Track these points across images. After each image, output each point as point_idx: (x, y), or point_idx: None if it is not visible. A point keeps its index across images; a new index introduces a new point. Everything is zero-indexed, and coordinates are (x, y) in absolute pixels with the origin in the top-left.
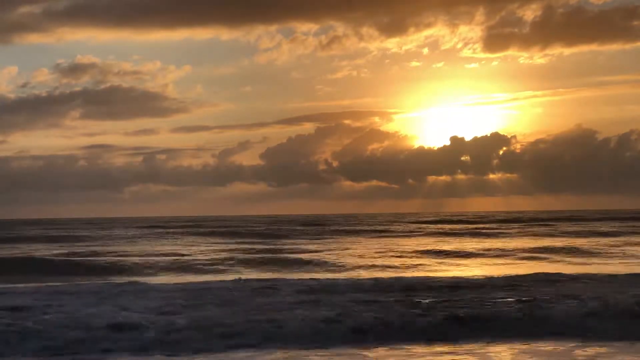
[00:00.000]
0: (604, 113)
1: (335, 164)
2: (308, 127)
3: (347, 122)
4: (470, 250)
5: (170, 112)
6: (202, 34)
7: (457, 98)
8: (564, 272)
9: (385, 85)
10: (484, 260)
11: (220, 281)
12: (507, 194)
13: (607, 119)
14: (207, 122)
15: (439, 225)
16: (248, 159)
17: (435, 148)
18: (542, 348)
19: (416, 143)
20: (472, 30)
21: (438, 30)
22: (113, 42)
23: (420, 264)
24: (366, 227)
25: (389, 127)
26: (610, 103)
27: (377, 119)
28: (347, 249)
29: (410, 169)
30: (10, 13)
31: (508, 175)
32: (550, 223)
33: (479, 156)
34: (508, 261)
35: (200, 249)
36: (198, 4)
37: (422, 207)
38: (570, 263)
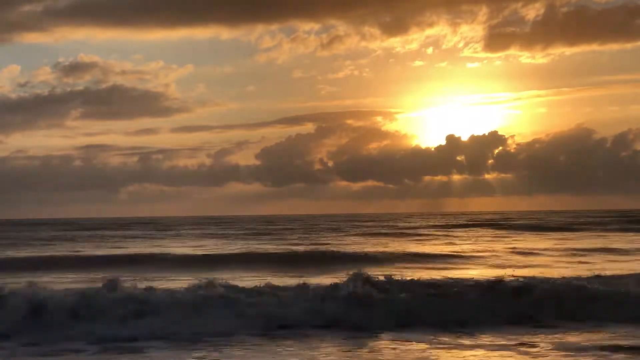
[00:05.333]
0: (607, 112)
1: (330, 163)
2: (309, 127)
3: (349, 121)
4: None
5: (171, 112)
6: (202, 33)
7: (459, 98)
8: None
9: (388, 85)
10: None
11: None
12: (503, 193)
13: (609, 119)
14: (208, 121)
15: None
16: (245, 158)
17: (433, 148)
18: None
19: (414, 143)
20: (473, 30)
21: (440, 29)
22: (114, 41)
23: None
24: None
25: (390, 126)
26: (613, 102)
27: (379, 118)
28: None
29: (406, 168)
30: (11, 12)
31: (503, 174)
32: None
33: (475, 155)
34: None
35: None
36: (199, 2)
37: (418, 207)
38: None
